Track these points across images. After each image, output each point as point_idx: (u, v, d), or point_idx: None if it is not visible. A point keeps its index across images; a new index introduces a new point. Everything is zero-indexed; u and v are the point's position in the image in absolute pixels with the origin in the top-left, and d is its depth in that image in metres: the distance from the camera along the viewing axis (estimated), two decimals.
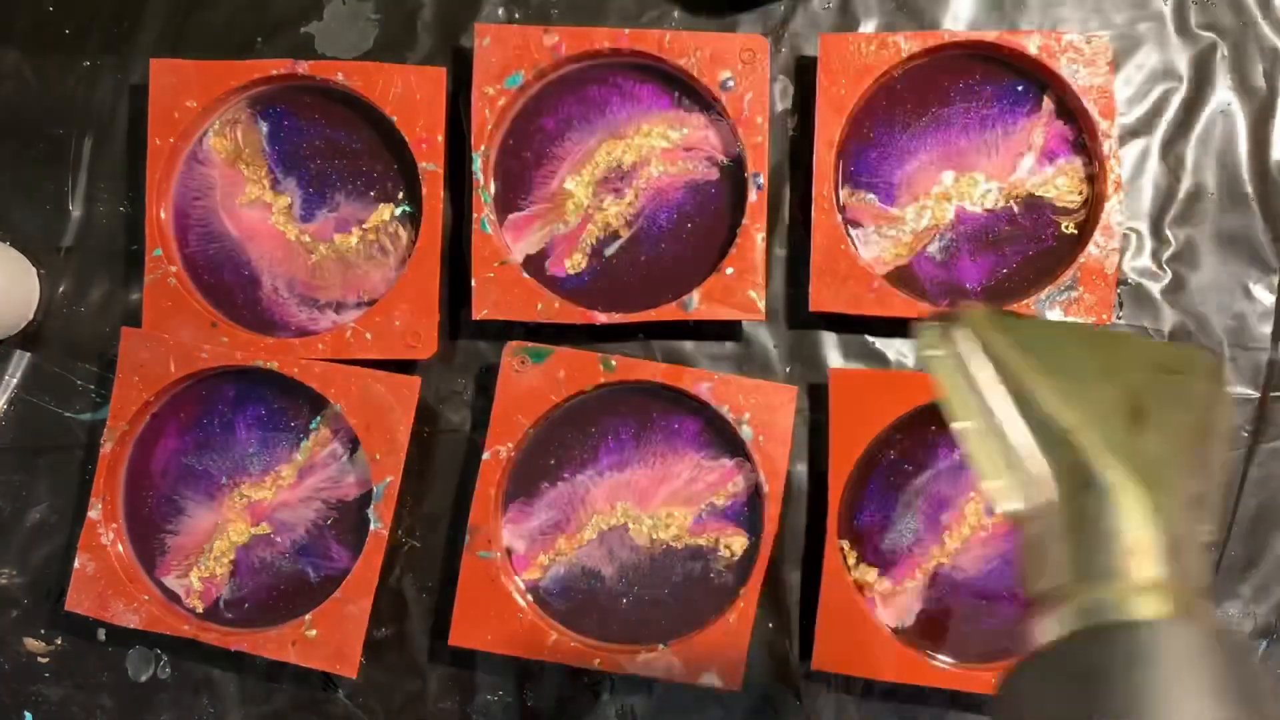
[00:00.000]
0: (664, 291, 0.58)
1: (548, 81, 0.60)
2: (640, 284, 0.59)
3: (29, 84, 0.64)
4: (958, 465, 0.58)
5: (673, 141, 0.59)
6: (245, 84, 0.60)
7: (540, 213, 0.60)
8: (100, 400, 0.62)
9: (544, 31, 0.58)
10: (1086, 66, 0.57)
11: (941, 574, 0.58)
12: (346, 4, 0.63)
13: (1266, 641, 0.59)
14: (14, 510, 0.62)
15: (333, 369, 0.58)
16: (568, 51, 0.58)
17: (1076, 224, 0.58)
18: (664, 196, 0.59)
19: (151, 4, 0.64)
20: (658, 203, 0.59)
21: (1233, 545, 0.59)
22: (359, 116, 0.61)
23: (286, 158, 0.61)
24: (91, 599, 0.58)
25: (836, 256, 0.57)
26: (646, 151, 0.59)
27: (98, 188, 0.63)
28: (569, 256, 0.59)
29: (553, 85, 0.60)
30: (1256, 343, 0.60)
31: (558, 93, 0.60)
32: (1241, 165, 0.60)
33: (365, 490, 0.59)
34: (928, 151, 0.59)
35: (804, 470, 0.60)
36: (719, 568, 0.58)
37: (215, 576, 0.60)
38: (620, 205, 0.59)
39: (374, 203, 0.60)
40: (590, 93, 0.60)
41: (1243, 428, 0.59)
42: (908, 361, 0.60)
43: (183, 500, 0.60)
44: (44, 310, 0.63)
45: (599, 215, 0.59)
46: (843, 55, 0.58)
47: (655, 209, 0.59)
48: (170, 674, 0.61)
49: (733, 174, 0.59)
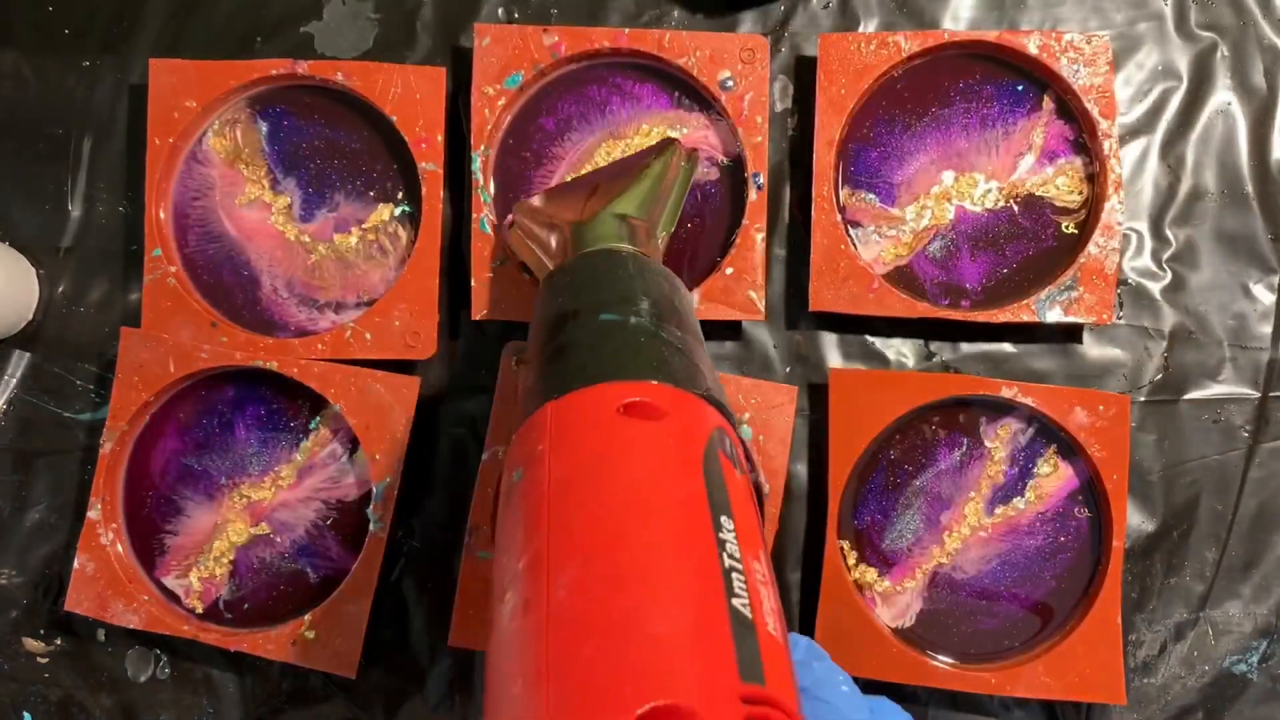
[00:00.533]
0: None
1: (547, 81, 0.60)
2: None
3: (29, 84, 0.64)
4: (958, 465, 0.58)
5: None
6: (245, 84, 0.60)
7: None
8: (100, 400, 0.62)
9: (543, 31, 0.58)
10: (1087, 66, 0.57)
11: (941, 574, 0.58)
12: (346, 4, 0.63)
13: (1266, 641, 0.59)
14: (14, 510, 0.62)
15: (332, 369, 0.58)
16: (567, 51, 0.58)
17: (1076, 224, 0.58)
18: None
19: (151, 4, 0.64)
20: None
21: (1233, 545, 0.59)
22: (358, 116, 0.61)
23: (286, 158, 0.61)
24: (91, 599, 0.58)
25: (836, 256, 0.57)
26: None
27: (97, 187, 0.63)
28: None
29: (552, 85, 0.60)
30: (1256, 343, 0.60)
31: (557, 92, 0.60)
32: (1241, 165, 0.60)
33: (365, 490, 0.59)
34: (928, 151, 0.59)
35: (804, 470, 0.60)
36: None
37: (215, 577, 0.60)
38: None
39: (373, 203, 0.60)
40: (590, 92, 0.60)
41: (1243, 428, 0.59)
42: (908, 362, 0.60)
43: (182, 500, 0.60)
44: (44, 310, 0.63)
45: None
46: (843, 55, 0.58)
47: None
48: (170, 674, 0.61)
49: (732, 174, 0.59)
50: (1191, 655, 0.59)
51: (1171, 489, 0.59)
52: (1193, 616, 0.59)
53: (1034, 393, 0.56)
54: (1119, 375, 0.60)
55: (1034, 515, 0.58)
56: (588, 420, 0.35)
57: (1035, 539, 0.58)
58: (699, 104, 0.59)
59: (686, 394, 0.36)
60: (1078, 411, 0.56)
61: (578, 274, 0.44)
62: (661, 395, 0.35)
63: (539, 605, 0.29)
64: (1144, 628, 0.59)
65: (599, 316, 0.39)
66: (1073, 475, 0.58)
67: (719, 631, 0.29)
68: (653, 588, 0.29)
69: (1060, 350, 0.60)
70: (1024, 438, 0.58)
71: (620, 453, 0.33)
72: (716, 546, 0.31)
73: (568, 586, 0.29)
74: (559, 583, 0.30)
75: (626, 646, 0.28)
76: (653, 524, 0.31)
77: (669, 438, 0.34)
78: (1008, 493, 0.58)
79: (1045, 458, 0.58)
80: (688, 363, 0.38)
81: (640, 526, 0.31)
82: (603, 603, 0.29)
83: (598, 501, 0.32)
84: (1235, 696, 0.59)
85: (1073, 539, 0.58)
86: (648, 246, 0.47)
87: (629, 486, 0.32)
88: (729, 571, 0.30)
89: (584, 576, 0.30)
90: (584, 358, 0.38)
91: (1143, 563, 0.59)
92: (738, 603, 0.30)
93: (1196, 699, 0.59)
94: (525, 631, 0.29)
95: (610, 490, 0.32)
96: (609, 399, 0.35)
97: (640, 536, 0.31)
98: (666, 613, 0.29)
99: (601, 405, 0.35)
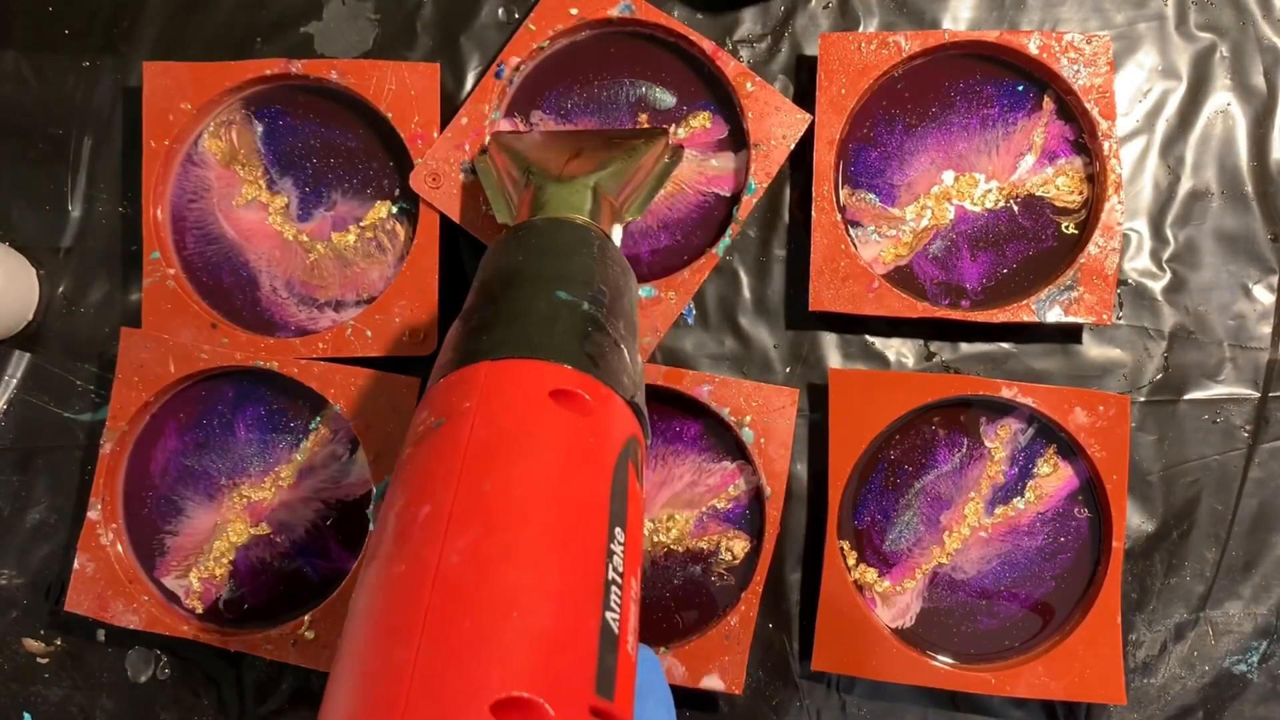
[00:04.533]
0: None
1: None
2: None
3: (29, 84, 0.63)
4: (958, 465, 0.58)
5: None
6: (239, 84, 0.60)
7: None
8: (100, 400, 0.62)
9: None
10: (1087, 67, 0.57)
11: (941, 574, 0.58)
12: (346, 4, 0.63)
13: (1266, 641, 0.59)
14: (14, 510, 0.62)
15: (332, 369, 0.58)
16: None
17: (1076, 224, 0.58)
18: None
19: (151, 4, 0.63)
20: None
21: (1233, 545, 0.59)
22: (354, 114, 0.61)
23: (282, 157, 0.61)
24: (91, 599, 0.58)
25: (836, 256, 0.57)
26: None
27: (97, 188, 0.63)
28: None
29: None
30: (1256, 343, 0.60)
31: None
32: (1241, 165, 0.60)
33: (365, 490, 0.59)
34: (928, 151, 0.59)
35: (804, 470, 0.60)
36: (720, 570, 0.58)
37: (215, 577, 0.60)
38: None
39: (371, 200, 0.60)
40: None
41: (1243, 428, 0.59)
42: (908, 362, 0.60)
43: (182, 501, 0.60)
44: (44, 310, 0.63)
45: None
46: (843, 55, 0.58)
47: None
48: (170, 674, 0.61)
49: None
50: (1191, 655, 0.59)
51: (1171, 489, 0.59)
52: (1193, 616, 0.59)
53: (1034, 393, 0.56)
54: (1119, 375, 0.60)
55: (1034, 515, 0.58)
56: (519, 393, 0.35)
57: (1035, 539, 0.58)
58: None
59: (615, 395, 0.37)
60: (1078, 412, 0.56)
61: (544, 238, 0.44)
62: (593, 391, 0.36)
63: (429, 564, 0.30)
64: (1144, 628, 0.59)
65: (554, 292, 0.39)
66: (1073, 475, 0.58)
67: (588, 641, 0.30)
68: (541, 578, 0.30)
69: (1060, 350, 0.60)
70: (1024, 438, 0.58)
71: (543, 437, 0.34)
72: (606, 557, 0.32)
73: (462, 553, 0.30)
74: (455, 547, 0.30)
75: (503, 630, 0.28)
76: (556, 516, 0.32)
77: (590, 436, 0.35)
78: (1008, 493, 0.58)
79: (1045, 458, 0.58)
80: (622, 363, 0.39)
81: (544, 515, 0.31)
82: (492, 579, 0.29)
83: (512, 478, 0.32)
84: (1235, 696, 0.59)
85: (1073, 539, 0.58)
86: (612, 227, 0.48)
87: (543, 473, 0.33)
88: (610, 584, 0.31)
89: (481, 547, 0.30)
90: (530, 329, 0.37)
91: (1143, 563, 0.59)
92: (610, 617, 0.31)
93: (1196, 699, 0.59)
94: (409, 585, 0.30)
95: (526, 470, 0.32)
96: (544, 379, 0.35)
97: (542, 524, 0.31)
98: (547, 608, 0.29)
99: (536, 382, 0.35)
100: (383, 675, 0.28)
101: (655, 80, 0.59)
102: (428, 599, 0.29)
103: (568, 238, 0.44)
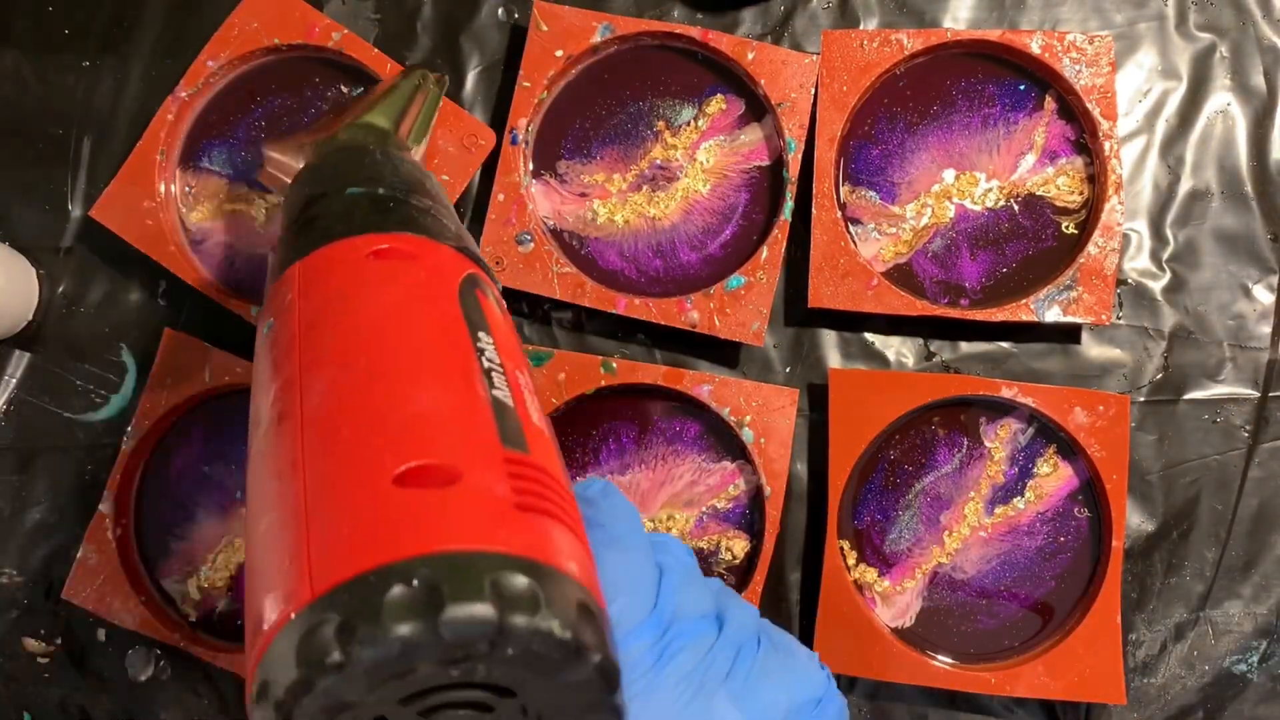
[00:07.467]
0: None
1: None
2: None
3: (29, 84, 0.63)
4: (958, 465, 0.58)
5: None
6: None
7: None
8: (100, 400, 0.62)
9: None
10: (1089, 66, 0.57)
11: (941, 574, 0.58)
12: (346, 4, 0.63)
13: (1266, 641, 0.59)
14: (13, 510, 0.62)
15: None
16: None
17: (1077, 224, 0.58)
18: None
19: (151, 4, 0.63)
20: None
21: (1233, 545, 0.59)
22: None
23: (250, 166, 0.60)
24: (89, 591, 0.58)
25: (836, 253, 0.57)
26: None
27: (98, 188, 0.63)
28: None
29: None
30: (1256, 343, 0.60)
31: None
32: (1241, 165, 0.60)
33: None
34: (929, 149, 0.59)
35: (804, 470, 0.60)
36: (720, 571, 0.58)
37: (215, 588, 0.59)
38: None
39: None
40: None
41: (1243, 428, 0.59)
42: (908, 361, 0.60)
43: (194, 507, 0.60)
44: (44, 310, 0.63)
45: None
46: (845, 52, 0.58)
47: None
48: (171, 674, 0.61)
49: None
50: (1191, 655, 0.59)
51: (1171, 489, 0.59)
52: (1193, 616, 0.59)
53: (1034, 393, 0.56)
54: (1119, 375, 0.60)
55: (1034, 515, 0.58)
56: (336, 268, 0.34)
57: (1035, 539, 0.58)
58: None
59: (438, 244, 0.36)
60: (1077, 411, 0.56)
61: (324, 167, 0.43)
62: (411, 243, 0.35)
63: (293, 414, 0.29)
64: (1144, 628, 0.59)
65: (344, 191, 0.39)
66: (1072, 475, 0.58)
67: (479, 408, 0.29)
68: (411, 376, 0.29)
69: (1060, 350, 0.60)
70: (1024, 438, 0.58)
71: (372, 286, 0.33)
72: (475, 353, 0.31)
73: (322, 392, 0.29)
74: (313, 390, 0.29)
75: (385, 422, 0.28)
76: (406, 334, 0.31)
77: (421, 271, 0.34)
78: (1008, 493, 0.58)
79: (1045, 458, 0.58)
80: (438, 222, 0.38)
81: (395, 336, 0.31)
82: (359, 394, 0.29)
83: (350, 324, 0.32)
84: (1235, 696, 0.59)
85: (1072, 539, 0.58)
86: (397, 151, 0.46)
87: (381, 310, 0.32)
88: (489, 371, 0.31)
89: (339, 378, 0.30)
90: (331, 223, 0.37)
91: (1143, 563, 0.59)
92: (498, 393, 0.30)
93: (1196, 699, 0.59)
94: (280, 436, 0.29)
95: (362, 314, 0.32)
96: (358, 248, 0.35)
97: (395, 343, 0.31)
98: (424, 394, 0.29)
99: (350, 253, 0.35)
100: (278, 502, 0.27)
101: (659, 86, 0.59)
102: (301, 435, 0.28)
103: (346, 159, 0.43)
